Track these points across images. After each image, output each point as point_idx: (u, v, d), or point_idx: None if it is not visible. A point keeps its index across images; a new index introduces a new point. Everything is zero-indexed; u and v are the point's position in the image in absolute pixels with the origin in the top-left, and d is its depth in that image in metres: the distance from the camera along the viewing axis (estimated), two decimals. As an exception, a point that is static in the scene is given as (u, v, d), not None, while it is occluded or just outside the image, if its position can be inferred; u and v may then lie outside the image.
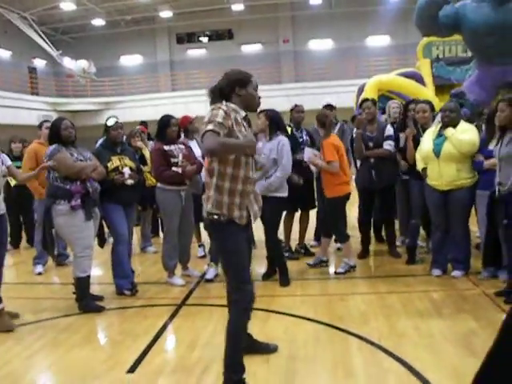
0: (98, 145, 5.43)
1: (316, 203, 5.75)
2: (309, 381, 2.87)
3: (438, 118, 4.78)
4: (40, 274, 5.62)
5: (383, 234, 5.88)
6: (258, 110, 4.56)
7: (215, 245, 2.88)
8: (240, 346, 2.71)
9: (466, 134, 4.45)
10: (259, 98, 2.94)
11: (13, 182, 6.23)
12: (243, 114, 2.74)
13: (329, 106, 5.98)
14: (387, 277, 4.86)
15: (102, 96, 23.85)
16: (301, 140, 5.59)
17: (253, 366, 2.92)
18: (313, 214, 5.90)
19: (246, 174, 2.69)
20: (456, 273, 4.64)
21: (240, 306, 2.74)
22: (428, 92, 9.02)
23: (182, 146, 4.88)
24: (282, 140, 4.70)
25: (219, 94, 2.73)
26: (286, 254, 5.32)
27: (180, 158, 4.73)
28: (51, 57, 22.84)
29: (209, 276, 4.94)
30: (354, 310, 3.97)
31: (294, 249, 5.74)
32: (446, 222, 4.65)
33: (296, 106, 5.80)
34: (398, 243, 5.69)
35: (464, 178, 4.49)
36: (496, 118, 4.08)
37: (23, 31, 21.67)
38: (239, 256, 2.71)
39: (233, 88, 2.72)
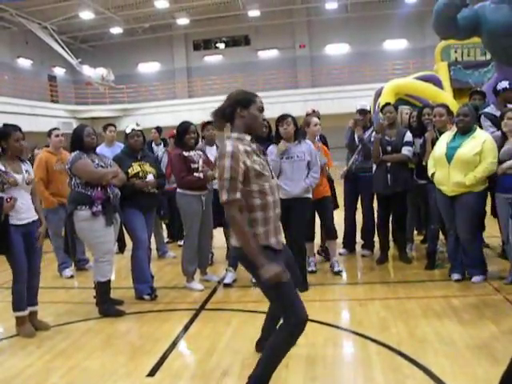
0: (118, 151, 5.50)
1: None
2: (328, 386, 2.86)
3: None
4: (72, 276, 5.71)
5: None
6: (281, 115, 4.72)
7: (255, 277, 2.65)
8: (278, 364, 2.62)
9: (483, 161, 4.37)
10: (264, 119, 2.81)
11: None
12: (248, 138, 2.61)
13: (362, 111, 5.94)
14: (406, 282, 4.83)
15: (120, 103, 24.15)
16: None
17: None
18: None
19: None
20: (476, 278, 4.59)
21: (291, 329, 2.58)
22: (446, 95, 8.95)
23: (200, 152, 4.97)
24: (310, 143, 4.84)
25: (222, 116, 2.65)
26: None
27: (200, 163, 4.82)
28: (71, 65, 23.21)
29: (227, 280, 4.96)
30: (373, 316, 3.95)
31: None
32: (455, 227, 4.62)
33: (313, 111, 5.83)
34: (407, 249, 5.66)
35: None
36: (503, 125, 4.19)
37: (43, 40, 22.06)
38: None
39: (235, 109, 2.61)
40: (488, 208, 4.87)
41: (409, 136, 5.29)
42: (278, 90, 21.90)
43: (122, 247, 5.61)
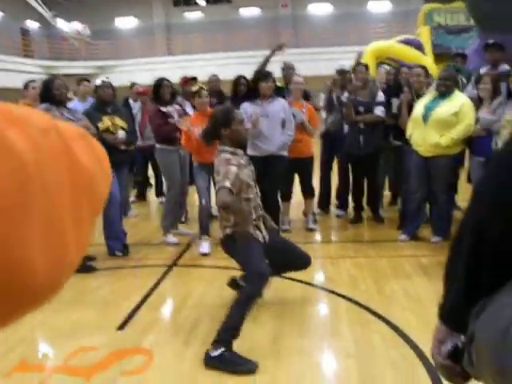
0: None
1: None
2: (295, 340, 2.91)
3: (434, 85, 4.74)
4: None
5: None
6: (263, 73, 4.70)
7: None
8: (244, 316, 2.68)
9: (460, 122, 4.37)
10: (246, 130, 3.10)
11: None
12: (241, 152, 2.96)
13: (340, 72, 5.81)
14: (378, 241, 4.89)
15: (96, 59, 23.47)
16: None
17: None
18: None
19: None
20: (436, 238, 4.67)
21: (254, 282, 2.80)
22: (427, 60, 8.91)
23: (177, 107, 5.00)
24: (282, 100, 4.84)
25: (210, 137, 3.03)
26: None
27: (176, 117, 4.86)
28: (44, 18, 22.34)
29: (205, 250, 4.63)
30: (344, 273, 4.01)
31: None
32: (424, 189, 4.65)
33: (285, 63, 5.73)
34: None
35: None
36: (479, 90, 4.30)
37: (15, -9, 21.15)
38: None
39: (219, 129, 2.94)
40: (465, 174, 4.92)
41: (381, 96, 5.25)
42: (259, 50, 21.50)
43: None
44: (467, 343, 0.89)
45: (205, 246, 4.64)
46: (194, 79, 5.79)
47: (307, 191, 5.37)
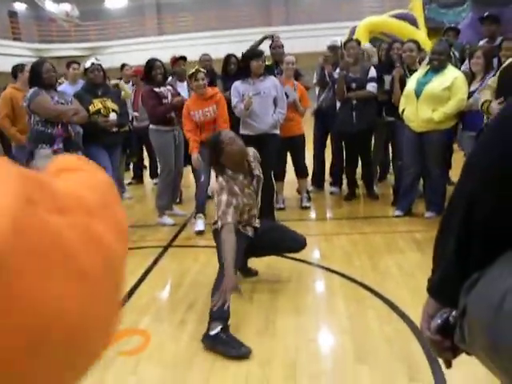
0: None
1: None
2: (291, 317, 2.94)
3: (426, 60, 4.70)
4: None
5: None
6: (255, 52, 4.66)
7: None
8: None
9: (453, 97, 4.35)
10: (237, 148, 3.03)
11: None
12: (241, 177, 3.03)
13: (332, 48, 5.78)
14: (372, 218, 4.92)
15: (86, 41, 23.16)
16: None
17: (235, 302, 2.97)
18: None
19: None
20: (429, 214, 4.68)
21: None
22: (421, 34, 8.84)
23: (170, 87, 4.97)
24: (274, 78, 4.82)
25: (214, 165, 3.08)
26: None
27: (169, 97, 4.84)
28: (32, 0, 21.94)
29: (200, 227, 4.73)
30: (338, 250, 4.03)
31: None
32: (418, 165, 4.66)
33: (273, 40, 5.65)
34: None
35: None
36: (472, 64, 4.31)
37: (1, -28, 20.73)
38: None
39: (216, 157, 3.02)
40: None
41: (373, 72, 5.22)
42: (249, 28, 21.28)
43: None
44: (459, 317, 0.90)
45: (200, 224, 4.69)
46: (184, 58, 5.73)
47: (300, 171, 5.38)
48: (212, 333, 2.59)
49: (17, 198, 0.33)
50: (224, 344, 2.57)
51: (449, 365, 1.02)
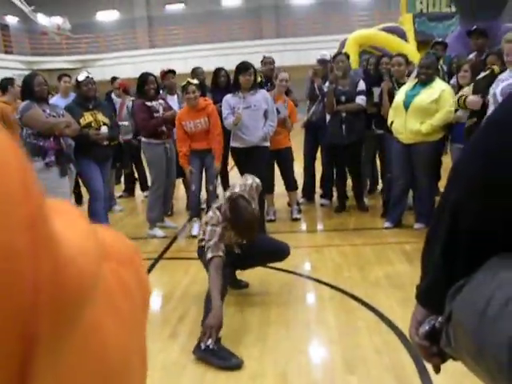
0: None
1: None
2: (281, 328, 2.95)
3: (414, 73, 4.78)
4: None
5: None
6: (242, 65, 4.71)
7: None
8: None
9: (440, 109, 4.42)
10: (249, 237, 3.07)
11: None
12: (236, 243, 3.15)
13: (322, 61, 5.89)
14: (362, 229, 4.95)
15: (78, 54, 23.22)
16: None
17: (226, 314, 2.99)
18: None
19: None
20: (418, 225, 4.72)
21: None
22: (410, 47, 8.97)
23: (161, 101, 5.02)
24: (264, 91, 4.89)
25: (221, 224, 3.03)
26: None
27: (161, 111, 4.89)
28: (24, 13, 21.97)
29: (195, 232, 4.77)
30: (329, 262, 4.05)
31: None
32: (407, 177, 4.71)
33: (264, 57, 5.74)
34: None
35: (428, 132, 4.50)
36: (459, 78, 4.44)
37: (-7, -14, 20.77)
38: None
39: (227, 218, 2.98)
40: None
41: (362, 85, 5.28)
42: (241, 41, 21.46)
43: (78, 199, 5.51)
44: (444, 323, 0.92)
45: (196, 228, 4.74)
46: (173, 72, 5.78)
47: (290, 184, 5.42)
48: (203, 345, 2.60)
49: (95, 242, 0.35)
50: (215, 355, 2.58)
51: (437, 370, 1.03)
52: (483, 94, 4.02)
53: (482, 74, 4.20)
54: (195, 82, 4.73)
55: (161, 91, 5.44)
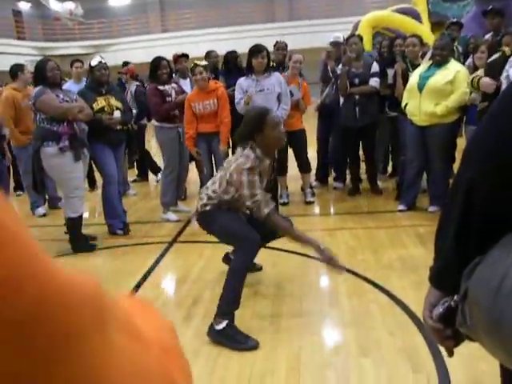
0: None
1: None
2: (295, 310, 2.97)
3: (429, 54, 4.70)
4: (45, 215, 5.65)
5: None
6: (255, 47, 4.67)
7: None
8: (240, 286, 2.71)
9: (455, 91, 4.35)
10: (283, 134, 2.99)
11: None
12: (267, 162, 2.92)
13: (335, 43, 5.81)
14: (376, 212, 4.93)
15: (91, 39, 23.23)
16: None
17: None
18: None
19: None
20: (432, 208, 4.69)
21: (245, 250, 2.80)
22: (424, 29, 8.81)
23: (174, 85, 5.02)
24: (278, 74, 4.86)
25: (244, 139, 2.92)
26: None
27: (173, 95, 4.91)
28: (36, -1, 22.03)
29: None
30: (342, 245, 4.05)
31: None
32: (421, 159, 4.66)
33: (277, 42, 5.68)
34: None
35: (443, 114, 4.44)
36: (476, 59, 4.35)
37: (5, -29, 20.77)
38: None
39: (252, 133, 2.87)
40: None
41: (375, 67, 5.22)
42: (253, 24, 21.27)
43: (91, 184, 5.56)
44: (460, 302, 0.92)
45: None
46: (186, 56, 5.76)
47: (303, 166, 5.39)
48: (218, 327, 2.62)
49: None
50: (230, 338, 2.60)
51: (451, 353, 1.03)
52: (496, 78, 3.94)
53: (493, 57, 4.12)
54: (203, 63, 4.73)
55: (174, 75, 5.44)
